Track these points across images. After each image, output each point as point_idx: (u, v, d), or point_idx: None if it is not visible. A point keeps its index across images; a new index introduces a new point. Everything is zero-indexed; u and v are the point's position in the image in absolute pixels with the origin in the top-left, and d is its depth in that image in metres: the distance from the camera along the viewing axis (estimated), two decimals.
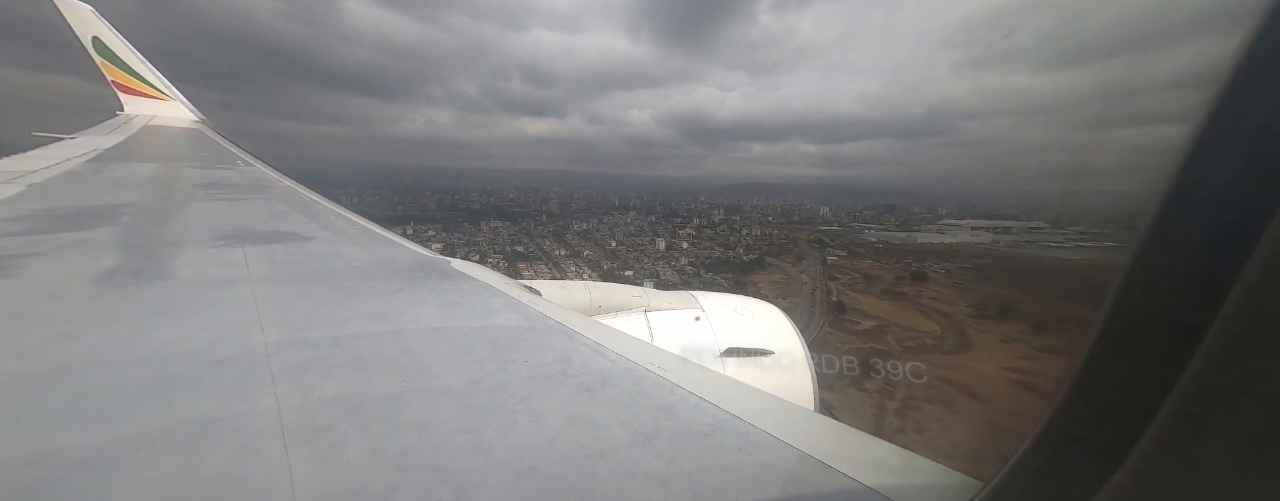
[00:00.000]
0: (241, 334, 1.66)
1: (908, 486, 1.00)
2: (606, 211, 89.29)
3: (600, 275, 52.52)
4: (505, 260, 55.43)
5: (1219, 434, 0.45)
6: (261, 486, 0.94)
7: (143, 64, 13.32)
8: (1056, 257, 61.18)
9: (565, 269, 57.33)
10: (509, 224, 77.86)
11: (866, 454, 1.12)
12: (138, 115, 12.75)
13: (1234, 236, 0.46)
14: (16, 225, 3.10)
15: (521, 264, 55.61)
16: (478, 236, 67.44)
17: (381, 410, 1.22)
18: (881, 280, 54.77)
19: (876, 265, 59.56)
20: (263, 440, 1.08)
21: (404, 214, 78.93)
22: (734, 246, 68.70)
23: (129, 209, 3.94)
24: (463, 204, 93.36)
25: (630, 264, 60.88)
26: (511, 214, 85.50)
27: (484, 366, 1.51)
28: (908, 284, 52.90)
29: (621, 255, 64.27)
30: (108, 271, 2.34)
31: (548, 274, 48.41)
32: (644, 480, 1.01)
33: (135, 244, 2.91)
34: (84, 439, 1.06)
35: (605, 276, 52.43)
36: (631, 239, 71.50)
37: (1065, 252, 66.42)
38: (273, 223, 3.87)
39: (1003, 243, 70.96)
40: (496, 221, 78.44)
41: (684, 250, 66.73)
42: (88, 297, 1.98)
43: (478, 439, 1.12)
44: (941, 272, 55.46)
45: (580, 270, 57.18)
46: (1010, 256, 62.46)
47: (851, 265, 60.33)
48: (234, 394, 1.27)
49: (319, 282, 2.31)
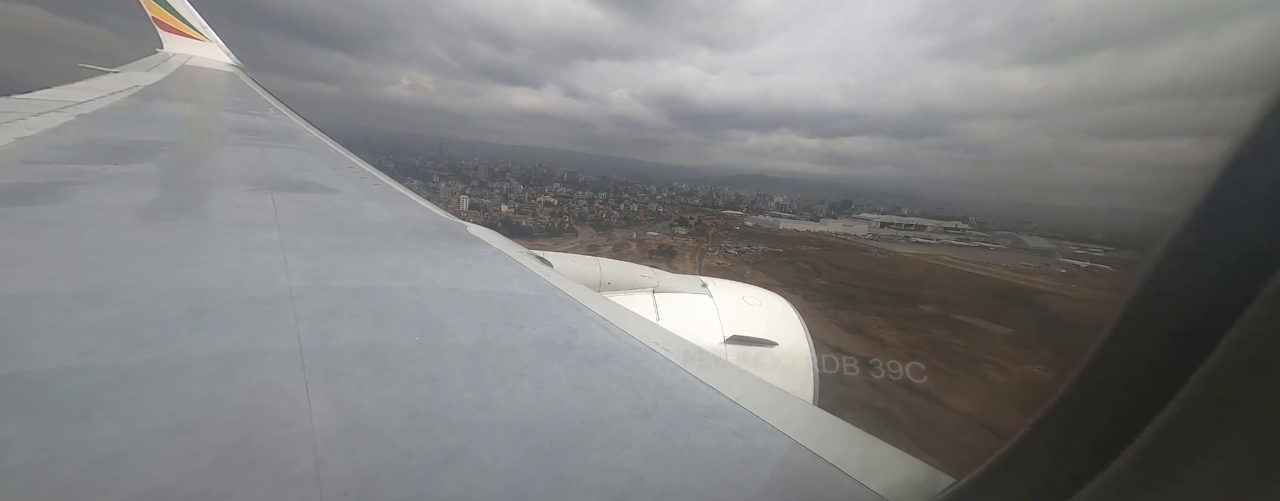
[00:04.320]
0: (269, 276, 1.74)
1: (896, 484, 1.02)
2: (546, 182, 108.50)
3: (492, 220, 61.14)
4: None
5: (1215, 441, 0.46)
6: (283, 418, 1.01)
7: (182, 3, 13.46)
8: (911, 253, 65.59)
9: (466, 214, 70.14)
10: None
11: (858, 449, 1.14)
12: (176, 54, 12.99)
13: (1252, 252, 0.45)
14: (66, 153, 3.25)
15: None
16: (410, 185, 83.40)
17: (395, 360, 1.29)
18: (690, 251, 61.38)
19: (724, 241, 66.99)
20: (285, 376, 1.15)
21: None
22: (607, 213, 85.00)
23: (167, 146, 4.08)
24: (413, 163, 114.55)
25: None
26: (465, 177, 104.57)
27: (494, 329, 1.56)
28: (715, 256, 59.92)
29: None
30: (149, 205, 2.45)
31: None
32: (639, 451, 1.05)
33: (173, 181, 3.03)
34: (125, 358, 1.14)
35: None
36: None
37: (934, 249, 71.03)
38: (300, 172, 3.97)
39: (875, 236, 78.37)
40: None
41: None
42: (131, 228, 2.09)
43: (484, 396, 1.18)
44: (740, 251, 62.36)
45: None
46: (852, 246, 68.21)
47: (685, 242, 67.79)
48: (261, 331, 1.34)
49: (342, 234, 2.38)
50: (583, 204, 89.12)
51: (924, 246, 74.13)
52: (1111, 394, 0.57)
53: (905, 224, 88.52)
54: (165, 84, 8.52)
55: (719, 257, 58.90)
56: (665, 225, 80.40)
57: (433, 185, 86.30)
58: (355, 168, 4.55)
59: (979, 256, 67.47)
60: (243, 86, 11.22)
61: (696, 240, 67.82)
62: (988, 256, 67.89)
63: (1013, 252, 71.48)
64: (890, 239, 78.77)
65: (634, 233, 73.00)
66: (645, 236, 70.64)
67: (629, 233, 72.56)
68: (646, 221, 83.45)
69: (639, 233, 73.28)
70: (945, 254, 67.95)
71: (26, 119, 4.06)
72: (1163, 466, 0.49)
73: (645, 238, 69.87)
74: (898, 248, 71.51)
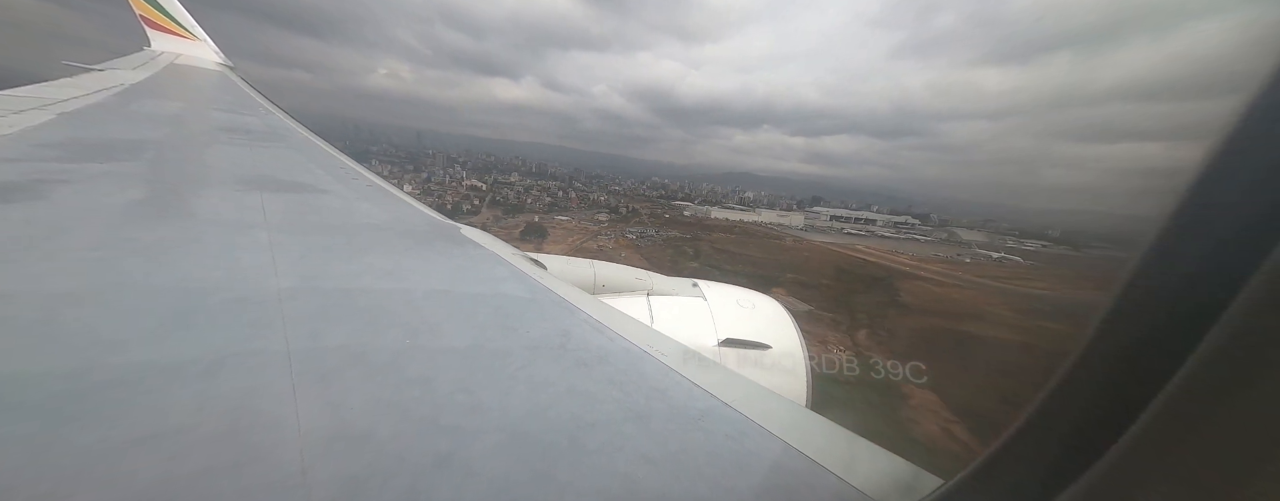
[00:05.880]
0: (256, 277, 1.71)
1: (888, 486, 1.02)
2: (508, 172, 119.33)
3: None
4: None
5: (1196, 441, 0.47)
6: (270, 421, 0.99)
7: (171, 1, 13.27)
8: (826, 241, 70.82)
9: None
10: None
11: (851, 452, 1.15)
12: (164, 52, 12.79)
13: (1236, 250, 0.46)
14: (48, 151, 3.18)
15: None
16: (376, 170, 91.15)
17: (386, 362, 1.27)
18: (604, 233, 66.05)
19: (655, 227, 72.20)
20: (273, 379, 1.13)
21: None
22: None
23: (154, 145, 4.01)
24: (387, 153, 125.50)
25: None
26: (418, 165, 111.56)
27: (486, 332, 1.54)
28: (635, 239, 64.42)
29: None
30: (134, 203, 2.40)
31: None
32: (632, 454, 1.04)
33: (159, 180, 2.97)
34: (110, 359, 1.12)
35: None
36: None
37: (855, 239, 76.79)
38: (290, 172, 3.91)
39: (809, 227, 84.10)
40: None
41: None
42: (115, 227, 2.04)
43: (476, 399, 1.17)
44: (640, 235, 67.12)
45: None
46: (768, 235, 72.97)
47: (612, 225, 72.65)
48: (247, 333, 1.32)
49: (333, 235, 2.35)
50: (511, 191, 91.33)
51: (850, 237, 78.07)
52: (1098, 394, 0.58)
53: (856, 218, 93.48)
54: (152, 82, 8.38)
55: (609, 241, 61.33)
56: (589, 211, 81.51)
57: (368, 167, 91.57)
58: (346, 168, 4.51)
59: (892, 246, 71.31)
60: (232, 86, 11.07)
61: (614, 226, 69.89)
62: (902, 246, 71.70)
63: (935, 245, 75.32)
64: (823, 230, 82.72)
65: (535, 217, 73.37)
66: (549, 220, 71.10)
67: (531, 217, 73.08)
68: (578, 209, 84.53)
69: (542, 217, 73.33)
70: (860, 243, 71.73)
71: (6, 116, 3.97)
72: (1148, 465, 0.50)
73: (545, 220, 70.54)
74: (818, 237, 75.10)
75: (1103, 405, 0.56)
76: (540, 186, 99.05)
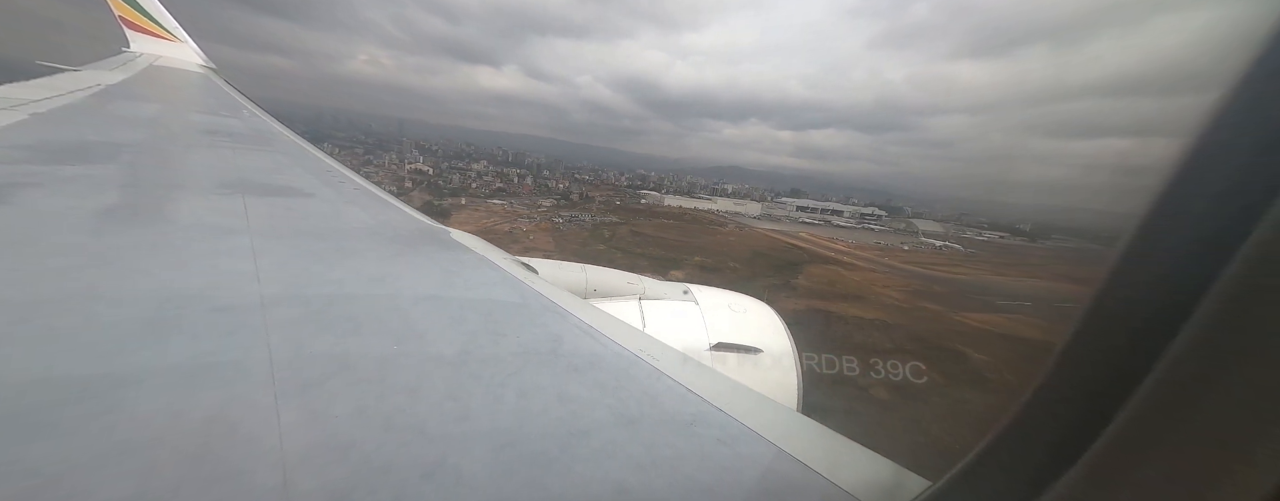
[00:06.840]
0: (238, 283, 1.66)
1: (879, 489, 1.03)
2: (473, 159, 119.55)
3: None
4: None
5: (1176, 437, 0.48)
6: (249, 433, 0.96)
7: (151, 2, 13.00)
8: (770, 229, 71.12)
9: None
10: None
11: (842, 455, 1.15)
12: (143, 54, 12.50)
13: (1210, 246, 0.47)
14: (18, 153, 3.07)
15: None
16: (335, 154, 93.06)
17: (371, 370, 1.24)
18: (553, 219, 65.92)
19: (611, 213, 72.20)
20: (253, 389, 1.09)
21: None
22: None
23: (132, 148, 3.90)
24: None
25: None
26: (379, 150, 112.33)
27: (476, 338, 1.52)
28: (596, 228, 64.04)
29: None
30: (109, 208, 2.33)
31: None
32: (623, 461, 1.03)
33: (136, 183, 2.89)
34: (81, 370, 1.07)
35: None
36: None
37: (803, 227, 77.75)
38: (274, 175, 3.84)
39: (764, 216, 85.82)
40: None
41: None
42: (88, 232, 1.98)
43: (465, 407, 1.15)
44: (570, 219, 66.69)
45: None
46: (712, 221, 73.37)
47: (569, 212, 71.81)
48: (228, 341, 1.28)
49: (318, 240, 2.31)
50: (460, 177, 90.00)
51: (802, 226, 79.18)
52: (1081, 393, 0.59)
53: (821, 209, 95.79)
54: (130, 83, 8.17)
55: (529, 224, 60.15)
56: (537, 198, 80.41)
57: (322, 149, 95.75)
58: (333, 171, 4.43)
59: (838, 235, 72.61)
60: (215, 87, 10.86)
61: (553, 211, 69.00)
62: (850, 236, 72.80)
63: (886, 235, 77.22)
64: (779, 219, 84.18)
65: (463, 199, 72.30)
66: (479, 203, 69.73)
67: (460, 199, 71.97)
68: (526, 195, 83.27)
69: (471, 201, 72.15)
70: (806, 231, 72.89)
71: None
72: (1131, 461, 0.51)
73: (473, 203, 69.21)
74: (766, 225, 75.57)
75: (1086, 403, 0.57)
76: (497, 173, 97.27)
